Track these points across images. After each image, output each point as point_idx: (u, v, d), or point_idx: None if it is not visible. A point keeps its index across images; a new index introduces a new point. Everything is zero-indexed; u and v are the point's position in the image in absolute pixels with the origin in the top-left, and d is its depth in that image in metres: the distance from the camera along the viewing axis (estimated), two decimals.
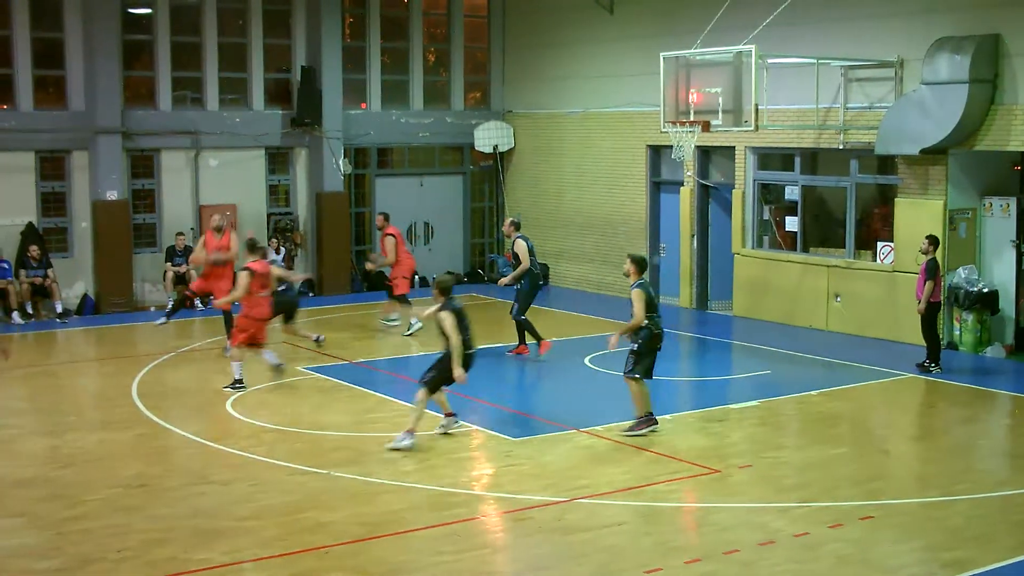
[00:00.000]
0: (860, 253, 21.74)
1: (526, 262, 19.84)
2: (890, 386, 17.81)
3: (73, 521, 11.73)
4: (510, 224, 20.54)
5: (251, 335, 17.41)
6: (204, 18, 26.03)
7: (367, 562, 10.62)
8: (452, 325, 14.15)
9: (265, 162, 27.00)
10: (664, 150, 24.42)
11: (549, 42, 28.09)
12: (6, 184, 24.02)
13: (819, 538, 11.11)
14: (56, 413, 16.37)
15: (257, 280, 17.43)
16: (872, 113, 20.88)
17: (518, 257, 19.93)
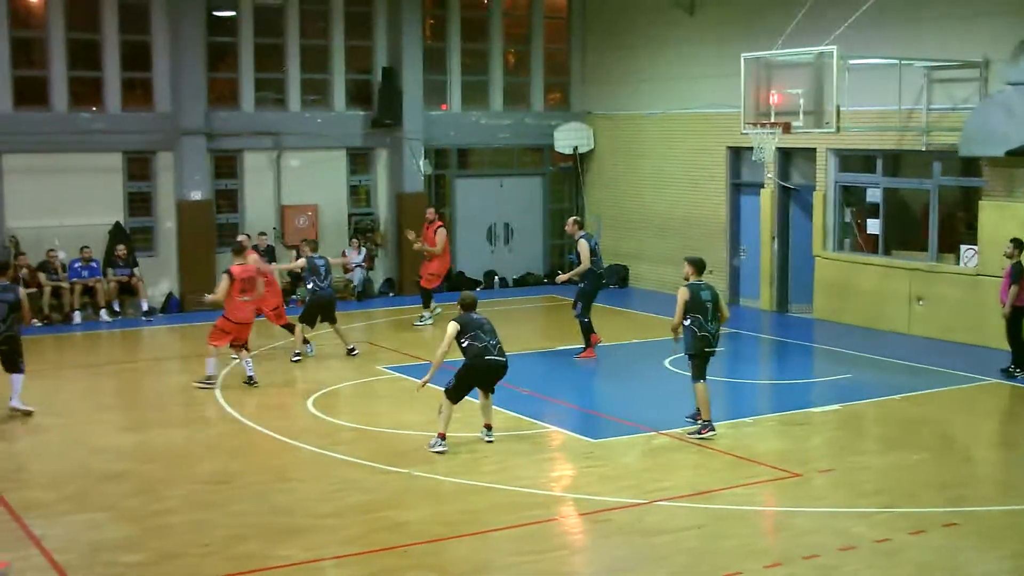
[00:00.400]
0: (943, 256, 21.47)
1: (586, 262, 19.79)
2: (974, 392, 17.58)
3: (157, 516, 11.93)
4: (573, 223, 20.55)
5: (233, 338, 17.87)
6: (287, 20, 26.31)
7: (446, 561, 10.69)
8: (449, 335, 14.11)
9: (346, 163, 27.23)
10: (744, 152, 24.25)
11: (629, 43, 28.04)
12: (95, 184, 24.45)
13: (900, 544, 11.00)
14: (141, 409, 16.66)
15: (238, 284, 17.75)
16: (956, 114, 20.61)
17: (579, 256, 19.93)
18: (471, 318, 14.34)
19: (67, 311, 23.51)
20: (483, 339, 14.19)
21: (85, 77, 24.68)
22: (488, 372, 14.29)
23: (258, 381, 17.80)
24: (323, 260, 20.07)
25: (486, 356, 14.17)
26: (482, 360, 14.15)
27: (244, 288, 17.85)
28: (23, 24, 24.28)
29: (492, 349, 14.24)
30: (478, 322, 14.33)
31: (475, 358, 14.14)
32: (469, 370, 14.22)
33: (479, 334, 14.20)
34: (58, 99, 24.12)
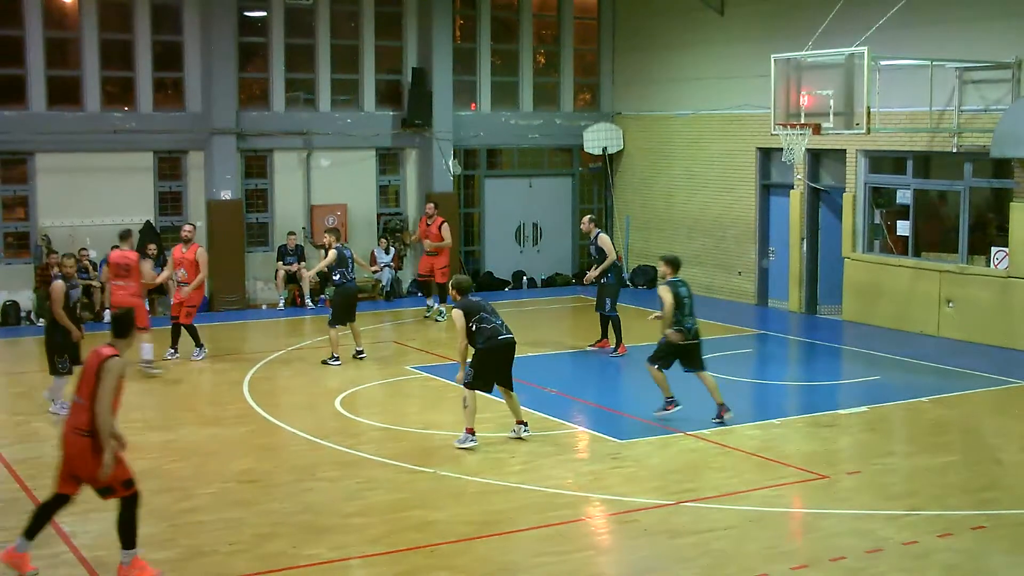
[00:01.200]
0: (973, 258, 21.36)
1: (612, 255, 19.87)
2: (1003, 394, 17.49)
3: (187, 513, 12.01)
4: (589, 220, 20.57)
5: None
6: (317, 20, 26.41)
7: (472, 561, 10.72)
8: (460, 325, 14.10)
9: (376, 163, 27.31)
10: (774, 153, 24.20)
11: (659, 44, 28.02)
12: (127, 183, 24.63)
13: (928, 547, 10.97)
14: (171, 408, 16.76)
15: (111, 269, 18.65)
16: (988, 116, 20.51)
17: (603, 252, 19.95)
18: (470, 302, 14.33)
19: (98, 310, 23.67)
20: (490, 320, 14.23)
21: (117, 77, 24.88)
22: (505, 351, 14.29)
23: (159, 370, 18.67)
24: (349, 251, 19.98)
25: (499, 336, 14.20)
26: (496, 341, 14.16)
27: (118, 274, 18.52)
28: (57, 25, 24.46)
29: (501, 328, 14.30)
30: (479, 304, 14.35)
31: (488, 340, 14.13)
32: (485, 355, 14.17)
33: (484, 315, 14.21)
34: (90, 99, 24.31)
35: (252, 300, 25.78)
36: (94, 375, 10.10)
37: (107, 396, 10.05)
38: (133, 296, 18.50)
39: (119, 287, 18.58)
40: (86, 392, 10.14)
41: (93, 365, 10.16)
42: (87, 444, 10.09)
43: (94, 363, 10.16)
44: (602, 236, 20.15)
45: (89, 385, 10.13)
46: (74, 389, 10.41)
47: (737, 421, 15.51)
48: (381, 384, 18.17)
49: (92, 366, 10.17)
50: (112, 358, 10.13)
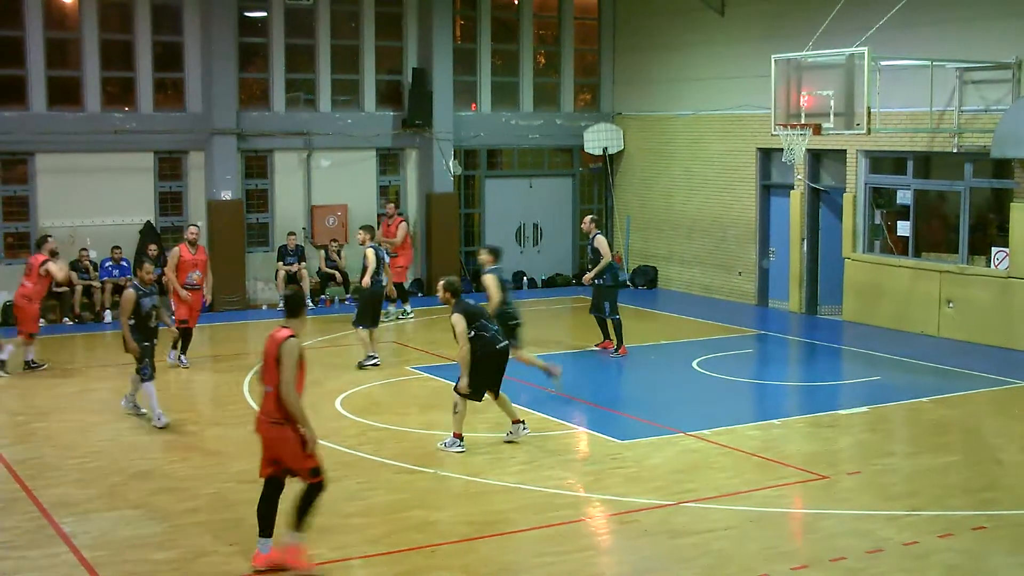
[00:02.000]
0: (974, 258, 21.36)
1: (608, 257, 19.86)
2: (1004, 394, 17.49)
3: (188, 514, 12.00)
4: (590, 220, 20.60)
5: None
6: (317, 21, 26.41)
7: (473, 562, 10.72)
8: (461, 331, 13.89)
9: (376, 163, 27.31)
10: (774, 153, 24.22)
11: (659, 44, 28.03)
12: (127, 184, 24.63)
13: (928, 547, 10.97)
14: (170, 408, 16.71)
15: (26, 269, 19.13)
16: (988, 116, 20.51)
17: (599, 252, 19.92)
18: (469, 306, 14.18)
19: (98, 310, 23.68)
20: (488, 328, 14.15)
21: (117, 77, 24.89)
22: (500, 359, 14.22)
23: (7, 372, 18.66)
24: (383, 250, 19.89)
25: (496, 345, 14.14)
26: (493, 349, 14.07)
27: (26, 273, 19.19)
28: (57, 25, 24.46)
29: (499, 336, 14.27)
30: (478, 310, 14.28)
31: (485, 347, 14.00)
32: (481, 363, 14.02)
33: (483, 323, 14.12)
34: (91, 99, 24.31)
35: (252, 300, 25.78)
36: (274, 360, 10.25)
37: (290, 377, 10.19)
38: (23, 297, 18.89)
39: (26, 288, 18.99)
40: (270, 378, 10.31)
41: (272, 350, 10.29)
42: (282, 432, 10.31)
43: (272, 348, 10.28)
44: (599, 237, 20.12)
45: (271, 371, 10.29)
46: (259, 379, 10.83)
47: (738, 421, 15.53)
48: (381, 384, 18.17)
49: (271, 351, 10.30)
50: (289, 339, 10.26)
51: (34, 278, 18.94)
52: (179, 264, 19.35)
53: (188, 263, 19.38)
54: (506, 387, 14.61)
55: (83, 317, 23.56)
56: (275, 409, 10.28)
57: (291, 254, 25.49)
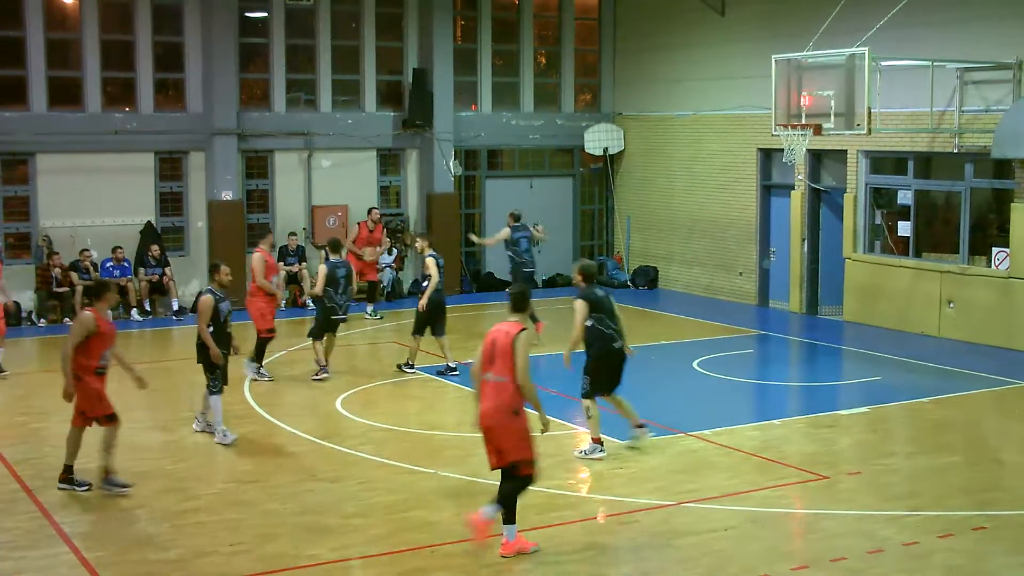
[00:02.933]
0: (974, 259, 21.36)
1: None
2: (1004, 395, 17.49)
3: (188, 514, 12.01)
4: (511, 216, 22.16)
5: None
6: (318, 21, 26.41)
7: (472, 562, 10.71)
8: (581, 319, 13.78)
9: (376, 163, 27.31)
10: (775, 153, 24.23)
11: (660, 44, 28.02)
12: (127, 184, 24.63)
13: (929, 547, 10.97)
14: (171, 409, 16.75)
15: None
16: (988, 116, 20.51)
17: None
18: (596, 296, 13.90)
19: None
20: (609, 325, 13.85)
21: (118, 78, 24.89)
22: (613, 358, 13.98)
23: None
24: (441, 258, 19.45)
25: (613, 344, 13.91)
26: (609, 347, 13.88)
27: None
28: (58, 26, 24.47)
29: (616, 336, 13.93)
30: (604, 302, 13.89)
31: (602, 342, 13.83)
32: (601, 362, 13.93)
33: (604, 318, 13.83)
34: (91, 100, 24.31)
35: None
36: (510, 353, 10.72)
37: (527, 367, 10.71)
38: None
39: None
40: (507, 370, 10.73)
41: (505, 343, 10.77)
42: (515, 422, 10.74)
43: (506, 341, 10.77)
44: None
45: (507, 361, 10.72)
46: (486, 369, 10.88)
47: (738, 421, 15.55)
48: (382, 384, 18.17)
49: (504, 344, 10.77)
50: (522, 332, 10.80)
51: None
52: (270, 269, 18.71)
53: (272, 267, 18.95)
54: None
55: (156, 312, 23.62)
56: (510, 400, 10.70)
57: (292, 254, 25.47)
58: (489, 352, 10.87)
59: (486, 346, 10.93)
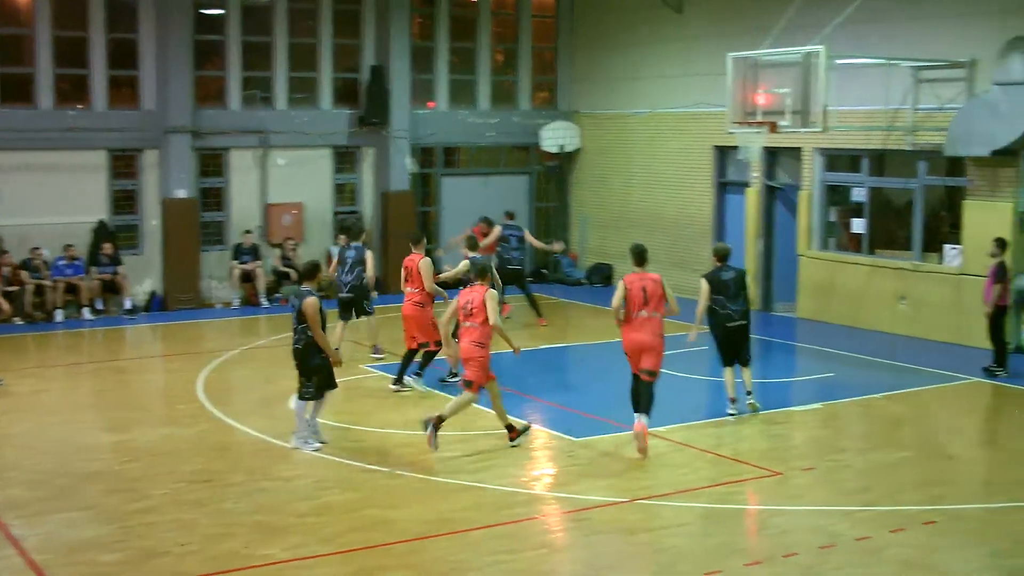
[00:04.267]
0: (927, 256, 21.51)
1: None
2: (956, 390, 17.62)
3: (138, 515, 11.90)
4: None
5: None
6: (274, 18, 26.26)
7: (427, 560, 10.69)
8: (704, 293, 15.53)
9: (332, 161, 27.19)
10: (731, 151, 24.30)
11: (616, 42, 28.05)
12: (80, 182, 24.38)
13: (881, 542, 11.03)
14: (123, 408, 16.61)
15: None
16: (942, 114, 20.64)
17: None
18: (719, 279, 15.62)
19: (50, 309, 23.43)
20: (725, 305, 15.55)
21: (71, 75, 24.61)
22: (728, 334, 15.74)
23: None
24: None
25: (727, 324, 15.64)
26: (723, 326, 15.66)
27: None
28: (10, 21, 24.20)
29: (734, 316, 15.60)
30: (724, 285, 15.56)
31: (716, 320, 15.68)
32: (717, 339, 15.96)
33: (722, 299, 15.54)
34: (44, 96, 24.05)
35: (206, 299, 25.59)
36: (662, 295, 13.98)
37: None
38: None
39: None
40: (659, 307, 13.99)
41: (657, 289, 13.98)
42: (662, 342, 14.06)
43: (657, 288, 13.98)
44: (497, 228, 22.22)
45: (659, 302, 13.98)
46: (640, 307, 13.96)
47: (692, 418, 15.58)
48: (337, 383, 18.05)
49: (656, 290, 13.98)
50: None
51: None
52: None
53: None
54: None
55: (34, 316, 23.31)
56: (660, 325, 14.01)
57: (246, 252, 25.33)
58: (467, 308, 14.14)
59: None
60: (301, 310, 13.87)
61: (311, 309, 13.84)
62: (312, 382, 14.14)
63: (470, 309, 14.10)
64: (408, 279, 17.19)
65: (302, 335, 14.00)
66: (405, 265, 17.27)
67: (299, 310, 13.91)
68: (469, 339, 14.09)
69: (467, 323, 14.11)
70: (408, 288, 17.17)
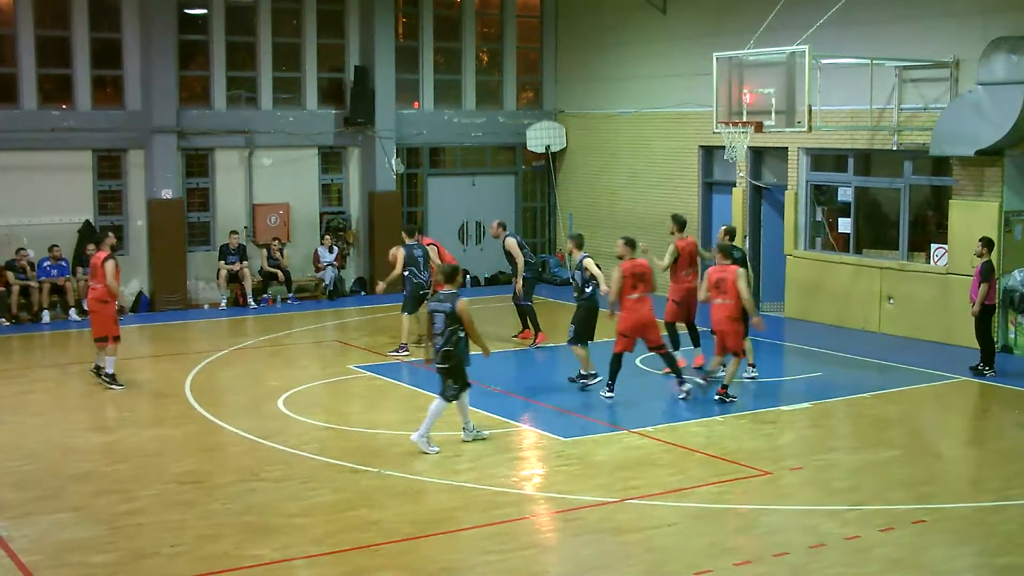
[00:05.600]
0: (913, 255, 21.58)
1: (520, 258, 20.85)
2: (943, 389, 17.67)
3: (127, 516, 11.86)
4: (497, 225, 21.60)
5: None
6: (259, 18, 26.22)
7: (416, 560, 10.67)
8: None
9: (318, 161, 27.16)
10: (716, 151, 24.34)
11: (602, 42, 28.07)
12: (64, 182, 24.30)
13: (870, 541, 11.05)
14: (111, 409, 16.55)
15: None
16: (927, 114, 20.72)
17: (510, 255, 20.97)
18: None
19: (36, 310, 23.36)
20: None
21: (55, 74, 24.54)
22: None
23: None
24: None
25: None
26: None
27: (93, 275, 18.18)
28: None
29: None
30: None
31: None
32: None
33: None
34: (27, 96, 23.97)
35: (193, 300, 25.54)
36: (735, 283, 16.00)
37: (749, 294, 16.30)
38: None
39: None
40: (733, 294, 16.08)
41: (732, 279, 16.08)
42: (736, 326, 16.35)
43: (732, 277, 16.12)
44: (509, 240, 20.90)
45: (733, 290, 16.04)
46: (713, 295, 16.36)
47: (681, 418, 15.60)
48: (324, 384, 18.06)
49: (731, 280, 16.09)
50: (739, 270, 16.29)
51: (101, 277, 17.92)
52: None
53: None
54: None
55: (20, 317, 23.24)
56: (735, 308, 16.16)
57: (233, 253, 25.28)
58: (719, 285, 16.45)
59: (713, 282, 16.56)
60: (455, 312, 13.96)
61: (466, 309, 14.03)
62: (458, 383, 14.18)
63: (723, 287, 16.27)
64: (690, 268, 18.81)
65: (451, 336, 14.01)
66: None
67: (452, 312, 13.97)
68: (723, 314, 16.25)
69: (718, 300, 16.28)
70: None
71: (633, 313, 16.51)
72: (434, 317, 14.14)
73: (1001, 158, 19.68)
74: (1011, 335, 19.96)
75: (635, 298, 16.56)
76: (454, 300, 13.99)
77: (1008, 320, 19.93)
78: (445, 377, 14.16)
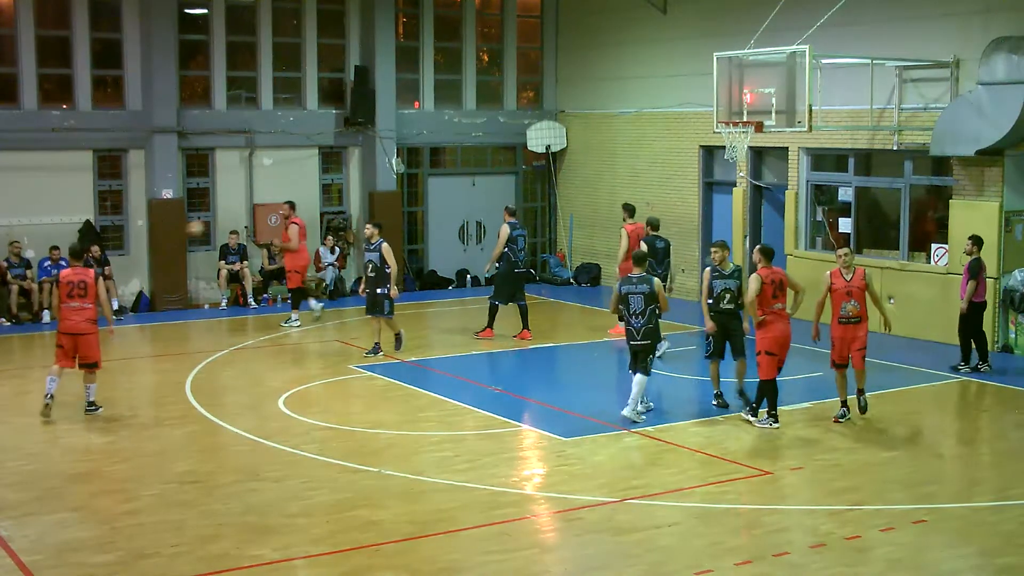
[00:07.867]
0: (914, 255, 21.58)
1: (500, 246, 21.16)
2: (943, 389, 17.68)
3: (128, 516, 11.87)
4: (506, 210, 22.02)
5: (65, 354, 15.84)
6: (259, 18, 26.22)
7: (416, 560, 10.67)
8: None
9: (319, 161, 27.15)
10: (717, 151, 24.34)
11: (602, 42, 28.07)
12: (65, 182, 24.29)
13: (870, 541, 11.05)
14: (111, 409, 16.54)
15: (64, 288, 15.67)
16: (927, 114, 20.72)
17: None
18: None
19: (36, 310, 23.35)
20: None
21: (55, 74, 24.54)
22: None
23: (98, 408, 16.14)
24: None
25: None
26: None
27: (72, 293, 15.64)
28: None
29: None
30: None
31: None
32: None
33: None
34: (28, 97, 23.97)
35: (194, 299, 25.54)
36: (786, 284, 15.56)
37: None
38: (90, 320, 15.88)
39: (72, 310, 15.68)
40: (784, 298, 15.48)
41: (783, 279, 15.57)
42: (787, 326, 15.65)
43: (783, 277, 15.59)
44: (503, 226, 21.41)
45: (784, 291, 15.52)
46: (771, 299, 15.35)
47: (681, 418, 15.60)
48: (324, 384, 18.06)
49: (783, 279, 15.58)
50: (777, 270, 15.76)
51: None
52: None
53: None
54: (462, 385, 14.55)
55: (20, 317, 23.23)
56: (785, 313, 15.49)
57: (233, 253, 25.28)
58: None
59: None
60: (653, 292, 15.02)
61: (661, 288, 15.23)
62: (651, 357, 15.33)
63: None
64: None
65: (650, 316, 15.06)
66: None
67: (650, 292, 15.01)
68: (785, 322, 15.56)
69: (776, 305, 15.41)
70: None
71: (773, 328, 15.44)
72: (630, 299, 15.04)
73: (1001, 158, 19.68)
74: (1011, 335, 19.96)
75: (776, 309, 15.54)
76: (650, 282, 15.06)
77: (1008, 320, 19.93)
78: (644, 354, 15.16)
